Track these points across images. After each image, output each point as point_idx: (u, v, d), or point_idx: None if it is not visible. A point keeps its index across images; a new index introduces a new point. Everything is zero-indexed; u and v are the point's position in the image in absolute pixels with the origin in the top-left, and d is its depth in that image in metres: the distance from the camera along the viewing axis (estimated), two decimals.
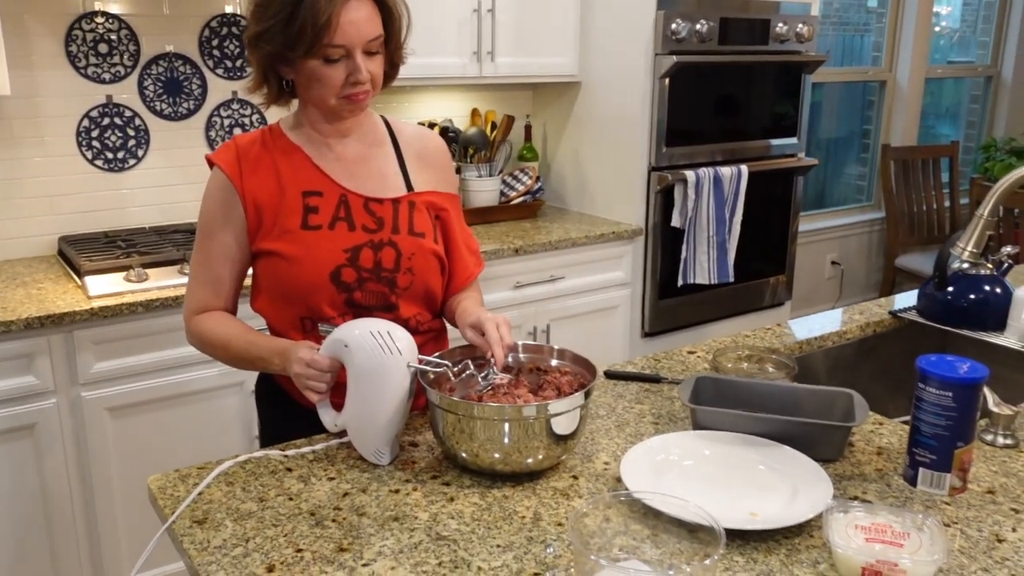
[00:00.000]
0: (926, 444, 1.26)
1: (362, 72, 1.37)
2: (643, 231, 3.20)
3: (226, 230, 1.46)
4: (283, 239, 1.43)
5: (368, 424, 1.32)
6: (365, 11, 1.37)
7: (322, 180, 1.47)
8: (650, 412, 1.55)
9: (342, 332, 1.32)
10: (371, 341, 1.29)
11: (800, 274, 4.46)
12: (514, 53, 3.13)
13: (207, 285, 1.49)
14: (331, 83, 1.38)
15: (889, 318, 2.09)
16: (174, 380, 2.32)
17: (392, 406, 1.31)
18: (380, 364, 1.29)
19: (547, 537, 1.14)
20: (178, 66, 2.80)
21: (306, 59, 1.36)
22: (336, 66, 1.37)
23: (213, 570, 1.07)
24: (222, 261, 1.47)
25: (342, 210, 1.46)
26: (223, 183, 1.45)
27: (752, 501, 1.21)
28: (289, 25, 1.33)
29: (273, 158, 1.46)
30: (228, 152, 1.46)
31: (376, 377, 1.30)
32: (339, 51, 1.35)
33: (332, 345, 1.32)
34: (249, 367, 1.46)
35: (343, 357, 1.31)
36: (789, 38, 3.37)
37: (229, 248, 1.47)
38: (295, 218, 1.44)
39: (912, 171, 4.83)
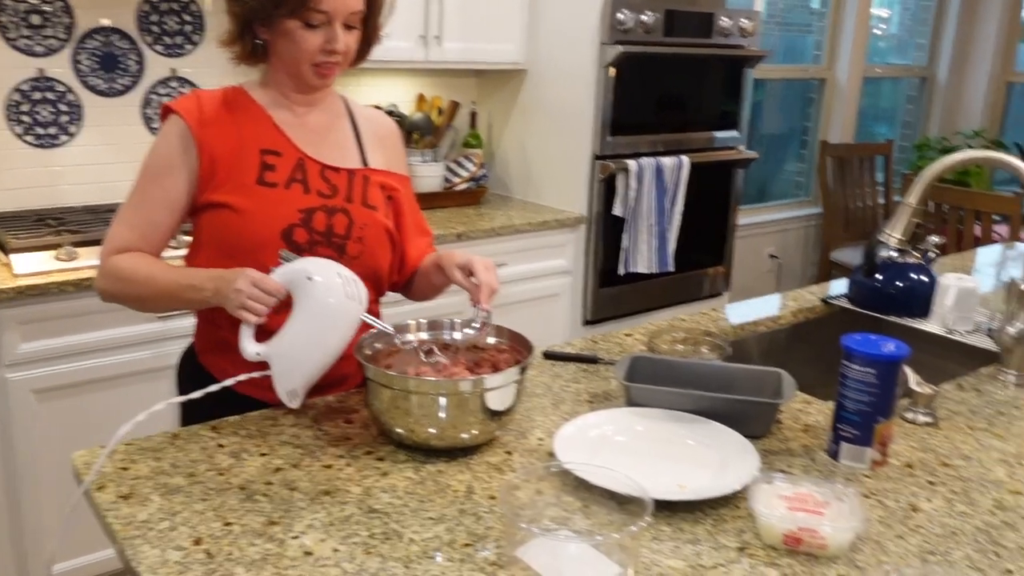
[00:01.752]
0: (849, 420, 1.30)
1: (339, 42, 1.40)
2: (586, 219, 3.23)
3: (175, 176, 1.43)
4: (236, 192, 1.42)
5: (300, 362, 1.31)
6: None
7: (282, 141, 1.47)
8: (586, 391, 1.56)
9: (309, 264, 1.31)
10: (337, 282, 1.29)
11: (739, 266, 4.54)
12: (461, 39, 3.12)
13: (136, 228, 1.45)
14: (307, 48, 1.40)
15: (821, 305, 2.15)
16: (104, 362, 2.27)
17: (333, 351, 1.31)
18: (339, 307, 1.29)
19: (479, 510, 1.15)
20: (115, 41, 2.73)
21: (287, 19, 1.37)
22: (315, 32, 1.39)
23: (138, 544, 1.05)
24: (162, 206, 1.44)
25: (299, 172, 1.46)
26: (181, 130, 1.43)
27: (681, 474, 1.24)
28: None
29: (234, 115, 1.46)
30: (189, 101, 1.45)
31: (330, 319, 1.29)
32: (321, 17, 1.38)
33: (291, 273, 1.30)
34: (170, 302, 1.42)
35: (300, 288, 1.29)
36: (732, 32, 3.42)
37: (174, 194, 1.44)
38: (251, 173, 1.43)
39: (848, 168, 4.95)
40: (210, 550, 1.04)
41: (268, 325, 1.33)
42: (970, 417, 1.49)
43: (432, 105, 3.38)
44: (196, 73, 2.89)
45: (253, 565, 1.02)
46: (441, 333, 1.47)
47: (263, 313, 1.29)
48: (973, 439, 1.40)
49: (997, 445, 1.38)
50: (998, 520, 1.16)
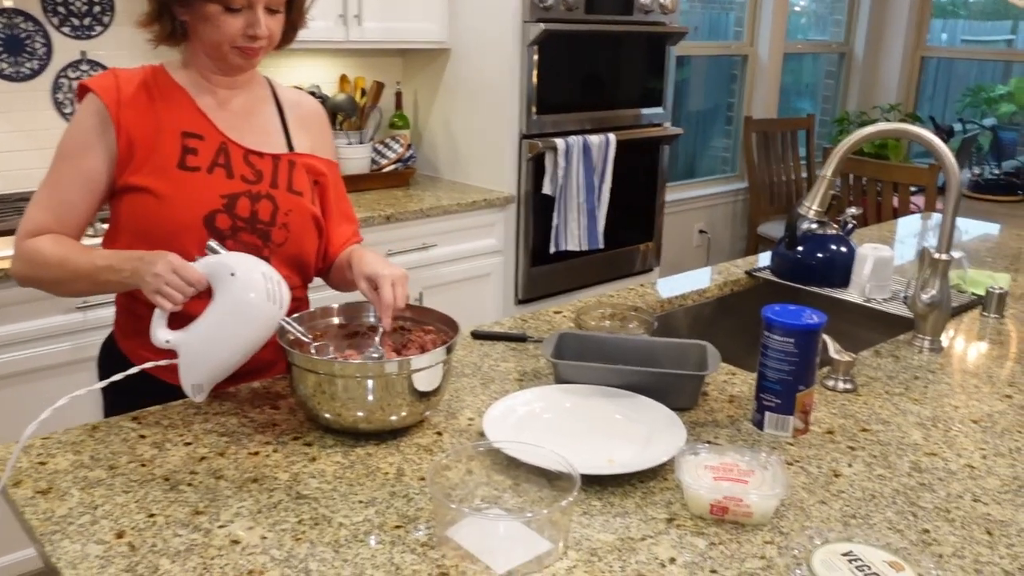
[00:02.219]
0: (771, 389, 1.33)
1: (261, 27, 1.37)
2: (515, 199, 3.23)
3: (92, 156, 1.39)
4: (155, 176, 1.38)
5: (209, 357, 1.29)
6: None
7: (204, 124, 1.44)
8: (515, 370, 1.57)
9: (233, 259, 1.28)
10: (260, 282, 1.27)
11: (669, 242, 4.60)
12: (382, 18, 3.07)
13: (51, 210, 1.40)
14: (228, 31, 1.37)
15: (745, 277, 2.19)
16: (22, 355, 2.19)
17: (243, 350, 1.29)
18: (257, 307, 1.26)
19: (409, 491, 1.15)
20: (18, 23, 2.62)
21: (206, 3, 1.34)
22: (236, 16, 1.36)
23: (57, 539, 1.02)
24: (79, 187, 1.40)
25: (221, 157, 1.43)
26: (98, 108, 1.39)
27: (610, 449, 1.25)
28: None
29: (154, 96, 1.42)
30: (106, 79, 1.41)
31: (246, 318, 1.27)
32: (242, 1, 1.35)
33: (216, 266, 1.27)
34: (87, 284, 1.37)
35: (221, 282, 1.26)
36: (653, 9, 3.44)
37: (91, 174, 1.40)
38: (172, 157, 1.40)
39: (772, 143, 5.05)
40: (133, 543, 1.02)
41: (188, 312, 1.30)
42: (887, 383, 1.54)
43: (355, 86, 3.33)
44: (108, 56, 2.79)
45: (179, 556, 0.99)
46: (367, 316, 1.45)
47: (179, 301, 1.26)
48: (891, 404, 1.45)
49: (913, 409, 1.43)
50: (915, 482, 1.20)
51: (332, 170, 1.59)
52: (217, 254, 1.29)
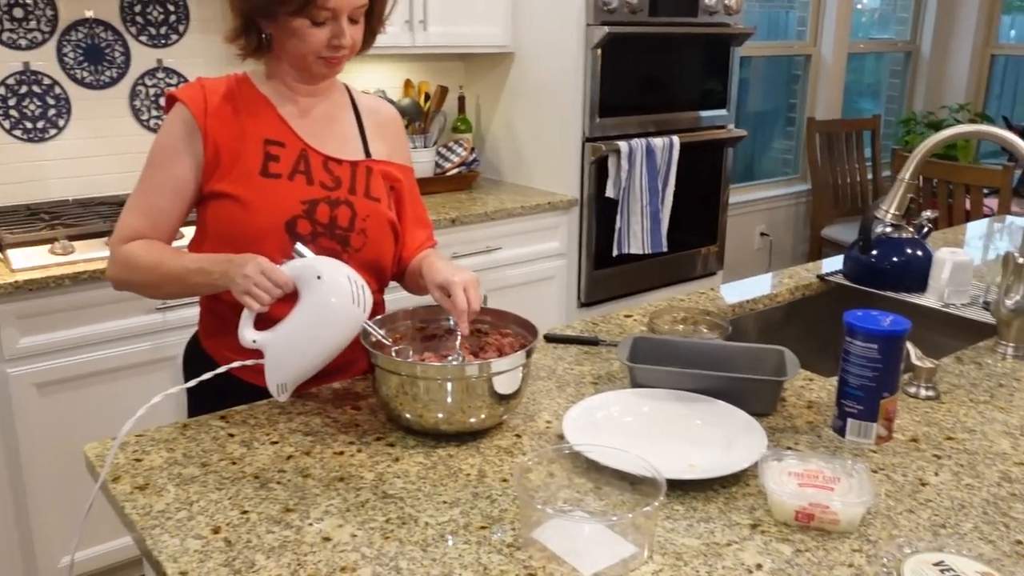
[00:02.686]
0: (853, 395, 1.31)
1: (345, 37, 1.40)
2: (578, 202, 3.23)
3: (181, 163, 1.44)
4: (239, 183, 1.42)
5: (294, 357, 1.32)
6: None
7: (285, 132, 1.47)
8: (590, 373, 1.57)
9: (319, 263, 1.32)
10: (346, 286, 1.30)
11: (730, 245, 4.56)
12: (446, 23, 3.11)
13: (144, 215, 1.45)
14: (313, 43, 1.40)
15: (817, 281, 2.16)
16: (104, 355, 2.26)
17: (327, 352, 1.32)
18: (342, 310, 1.30)
19: (492, 493, 1.16)
20: (99, 32, 2.70)
21: (292, 17, 1.37)
22: (321, 28, 1.39)
23: (157, 533, 1.06)
24: (169, 193, 1.44)
25: (302, 164, 1.46)
26: (186, 117, 1.43)
27: (690, 453, 1.25)
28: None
29: (238, 105, 1.46)
30: (193, 90, 1.45)
31: (331, 320, 1.30)
32: (327, 13, 1.38)
33: (302, 269, 1.31)
34: (179, 287, 1.41)
35: (307, 284, 1.30)
36: (717, 10, 3.42)
37: (180, 181, 1.44)
38: (254, 164, 1.44)
39: (836, 144, 4.97)
40: (229, 538, 1.05)
41: (272, 314, 1.33)
42: (971, 390, 1.51)
43: (419, 91, 3.37)
44: (183, 64, 2.87)
45: (273, 552, 1.02)
46: (446, 319, 1.48)
47: (267, 303, 1.29)
48: (976, 412, 1.42)
49: (1000, 417, 1.41)
50: (1005, 492, 1.18)
51: (407, 175, 1.61)
52: (303, 257, 1.32)
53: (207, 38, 2.89)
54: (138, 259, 1.42)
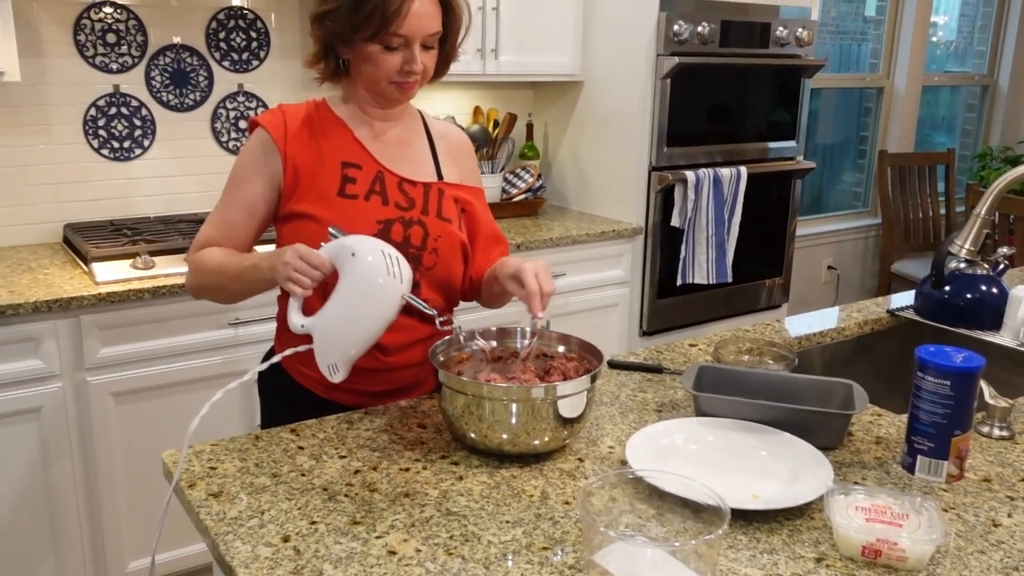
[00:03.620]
0: (924, 432, 1.29)
1: (417, 63, 1.45)
2: (643, 230, 3.23)
3: (256, 183, 1.50)
4: (318, 203, 1.47)
5: (340, 336, 1.33)
6: (430, 7, 1.44)
7: (362, 154, 1.52)
8: (653, 400, 1.57)
9: (352, 240, 1.33)
10: (380, 258, 1.31)
11: (797, 278, 4.50)
12: (517, 52, 3.16)
13: (218, 228, 1.53)
14: (386, 69, 1.45)
15: (887, 316, 2.13)
16: (178, 367, 2.34)
17: (372, 328, 1.32)
18: (380, 283, 1.30)
19: (555, 515, 1.17)
20: (185, 57, 2.82)
21: (367, 43, 1.43)
22: (394, 54, 1.44)
23: (230, 540, 1.09)
24: (241, 210, 1.51)
25: (377, 185, 1.51)
26: (266, 141, 1.50)
27: (754, 484, 1.24)
28: (357, 9, 1.40)
29: (316, 128, 1.52)
30: (274, 116, 1.52)
31: (370, 294, 1.31)
32: (400, 40, 1.42)
33: (336, 249, 1.32)
34: (241, 285, 1.46)
35: (343, 264, 1.31)
36: (789, 42, 3.41)
37: (253, 200, 1.51)
38: (332, 185, 1.49)
39: (909, 178, 4.88)
40: (298, 547, 1.08)
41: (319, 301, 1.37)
42: None
43: (488, 117, 3.42)
44: (262, 88, 2.97)
45: (340, 563, 1.05)
46: (512, 341, 1.50)
47: (308, 286, 1.32)
48: None
49: None
50: None
51: (479, 197, 1.65)
52: (337, 238, 1.35)
53: (286, 64, 2.99)
54: (206, 263, 1.50)
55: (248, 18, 2.90)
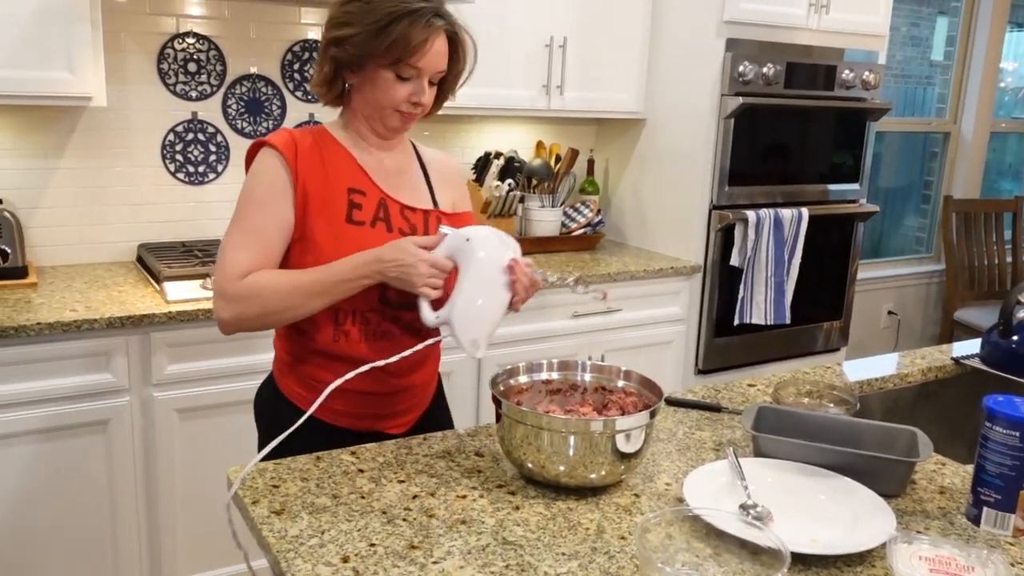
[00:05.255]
0: (991, 483, 1.26)
1: (425, 95, 1.51)
2: (701, 268, 3.23)
3: (283, 203, 1.47)
4: (327, 230, 1.48)
5: (476, 313, 1.42)
6: (443, 46, 1.50)
7: (365, 181, 1.54)
8: (711, 439, 1.57)
9: (463, 230, 1.45)
10: (494, 238, 1.44)
11: (856, 322, 4.43)
12: (581, 88, 3.20)
13: (255, 249, 1.46)
14: (395, 97, 1.49)
15: (951, 364, 2.09)
16: (239, 387, 2.39)
17: (503, 299, 1.44)
18: (500, 258, 1.43)
19: (611, 549, 1.17)
20: (260, 87, 2.92)
21: (381, 69, 1.46)
22: (404, 84, 1.48)
23: (291, 557, 1.12)
24: (277, 229, 1.47)
25: (382, 212, 1.54)
26: (280, 162, 1.48)
27: (813, 528, 1.23)
28: (379, 36, 1.43)
29: (322, 153, 1.52)
30: (283, 137, 1.50)
31: (494, 270, 1.42)
32: (413, 72, 1.48)
33: (453, 241, 1.43)
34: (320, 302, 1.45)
35: (461, 253, 1.42)
36: (855, 85, 3.39)
37: (286, 218, 1.48)
38: (340, 211, 1.50)
39: (974, 224, 4.78)
40: (357, 568, 1.10)
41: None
42: None
43: (551, 152, 3.46)
44: (331, 117, 3.04)
45: None
46: (572, 374, 1.51)
47: (440, 287, 1.42)
48: None
49: None
50: None
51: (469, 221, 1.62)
52: (447, 235, 1.44)
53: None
54: (275, 286, 1.44)
55: None
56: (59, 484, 2.23)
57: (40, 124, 2.61)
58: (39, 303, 2.26)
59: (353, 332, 1.52)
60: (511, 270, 1.43)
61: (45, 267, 2.67)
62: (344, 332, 1.52)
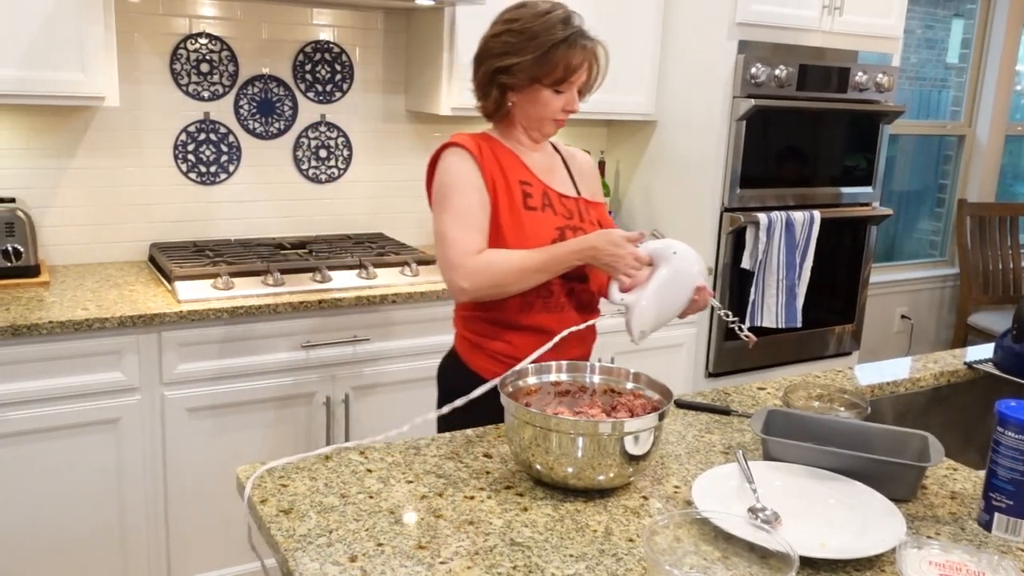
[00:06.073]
0: (1003, 489, 1.25)
1: (577, 104, 1.76)
2: (713, 271, 3.21)
3: (481, 190, 1.71)
4: (509, 215, 1.72)
5: (656, 311, 1.65)
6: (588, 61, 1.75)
7: (530, 175, 1.79)
8: (720, 442, 1.56)
9: (672, 243, 1.69)
10: (696, 262, 1.68)
11: (868, 326, 4.40)
12: None
13: (475, 229, 1.69)
14: (553, 108, 1.74)
15: (964, 368, 2.07)
16: (250, 387, 2.40)
17: (680, 306, 1.68)
18: (694, 274, 1.67)
19: (619, 551, 1.17)
20: (272, 88, 2.93)
21: (542, 88, 1.70)
22: (560, 96, 1.73)
23: (299, 556, 1.12)
24: (482, 212, 1.71)
25: (546, 199, 1.78)
26: (469, 158, 1.72)
27: (822, 532, 1.22)
28: (542, 61, 1.67)
29: (496, 153, 1.76)
30: (467, 138, 1.75)
31: (686, 283, 1.66)
32: (568, 86, 1.72)
33: (661, 248, 1.67)
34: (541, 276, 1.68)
35: (664, 258, 1.66)
36: (868, 87, 3.37)
37: (486, 203, 1.71)
38: (517, 199, 1.74)
39: (989, 228, 4.75)
40: (365, 567, 1.10)
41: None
42: None
43: None
44: (343, 119, 3.06)
45: None
46: (581, 376, 1.51)
47: (636, 276, 1.65)
48: None
49: None
50: None
51: (603, 211, 1.92)
52: (657, 239, 1.70)
53: (368, 96, 3.08)
54: (508, 264, 1.67)
55: (334, 51, 3.00)
56: (69, 482, 2.24)
57: (53, 124, 2.63)
58: (51, 302, 2.28)
59: (537, 303, 1.75)
60: (699, 291, 1.68)
61: (57, 266, 2.69)
62: (528, 303, 1.74)
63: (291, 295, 2.42)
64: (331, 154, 3.07)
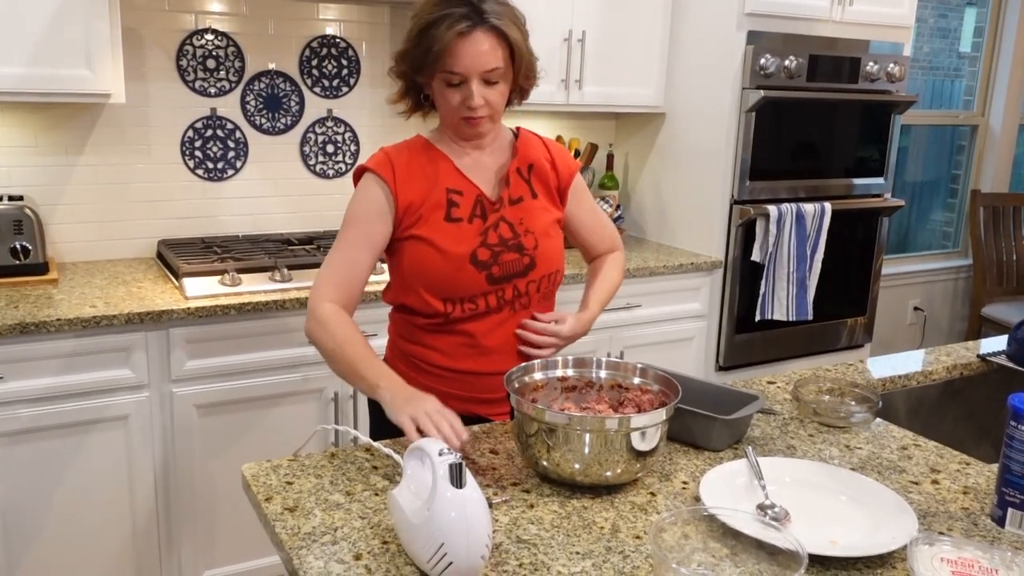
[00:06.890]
0: (1016, 484, 1.23)
1: (475, 99, 1.51)
2: (722, 264, 3.19)
3: (375, 223, 1.59)
4: (432, 228, 1.59)
5: None
6: (487, 44, 1.49)
7: (463, 182, 1.63)
8: None
9: None
10: None
11: (881, 318, 4.37)
12: (601, 83, 3.17)
13: (339, 267, 1.58)
14: (449, 104, 1.54)
15: (977, 361, 2.05)
16: (258, 383, 2.40)
17: None
18: None
19: (625, 548, 1.16)
20: (279, 83, 2.92)
21: (431, 80, 1.54)
22: (455, 90, 1.53)
23: (304, 554, 1.11)
24: (363, 247, 1.59)
25: (478, 208, 1.62)
26: (380, 185, 1.59)
27: (832, 529, 1.21)
28: (417, 48, 1.51)
29: (421, 162, 1.62)
30: (381, 161, 1.61)
31: None
32: (457, 77, 1.51)
33: None
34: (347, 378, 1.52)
35: None
36: (879, 77, 3.34)
37: (374, 237, 1.59)
38: (440, 213, 1.60)
39: (1003, 218, 4.71)
40: (370, 566, 1.09)
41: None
42: None
43: (570, 147, 3.44)
44: (349, 114, 3.05)
45: None
46: (587, 371, 1.49)
47: None
48: None
49: None
50: None
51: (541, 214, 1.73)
52: None
53: (375, 91, 3.07)
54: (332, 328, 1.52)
55: (340, 46, 2.99)
56: (79, 479, 2.24)
57: (60, 121, 2.63)
58: (59, 299, 2.28)
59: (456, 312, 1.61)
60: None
61: (65, 263, 2.69)
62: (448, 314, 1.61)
63: (299, 291, 2.42)
64: (338, 149, 3.06)
